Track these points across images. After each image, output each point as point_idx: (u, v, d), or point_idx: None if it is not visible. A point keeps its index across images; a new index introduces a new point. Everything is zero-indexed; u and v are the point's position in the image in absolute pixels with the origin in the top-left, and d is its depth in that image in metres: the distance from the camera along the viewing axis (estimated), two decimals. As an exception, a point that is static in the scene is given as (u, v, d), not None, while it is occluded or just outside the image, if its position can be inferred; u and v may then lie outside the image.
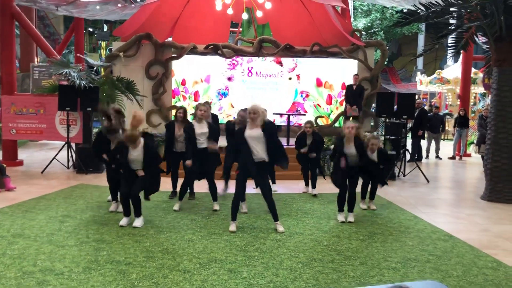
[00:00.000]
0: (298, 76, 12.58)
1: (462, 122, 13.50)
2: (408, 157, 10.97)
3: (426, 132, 13.02)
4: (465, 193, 9.09)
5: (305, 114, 12.08)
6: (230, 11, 11.18)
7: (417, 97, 11.41)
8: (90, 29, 30.02)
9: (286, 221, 6.27)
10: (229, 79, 12.56)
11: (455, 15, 8.88)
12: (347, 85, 11.64)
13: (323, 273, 4.46)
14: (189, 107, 11.66)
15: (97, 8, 14.08)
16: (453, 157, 13.57)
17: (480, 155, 11.50)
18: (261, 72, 12.59)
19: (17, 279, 4.13)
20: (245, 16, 12.32)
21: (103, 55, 26.48)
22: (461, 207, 7.59)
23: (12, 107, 10.38)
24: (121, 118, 6.51)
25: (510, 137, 7.93)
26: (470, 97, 15.97)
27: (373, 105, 12.26)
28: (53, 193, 7.74)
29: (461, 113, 13.59)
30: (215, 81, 12.50)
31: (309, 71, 12.52)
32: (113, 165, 6.35)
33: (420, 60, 30.34)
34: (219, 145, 6.87)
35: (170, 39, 12.66)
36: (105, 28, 30.25)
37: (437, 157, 13.44)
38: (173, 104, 12.03)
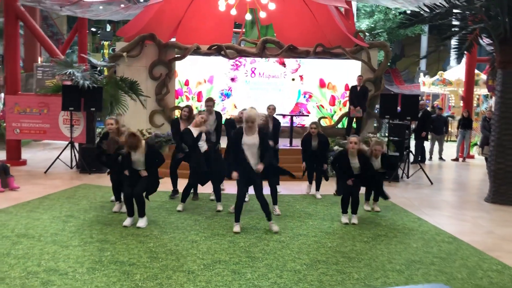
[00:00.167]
0: (301, 77, 12.57)
1: (466, 124, 13.47)
2: (411, 158, 10.94)
3: (429, 134, 12.99)
4: (468, 195, 9.07)
5: (308, 115, 12.07)
6: (233, 12, 11.18)
7: (420, 98, 11.37)
8: (93, 29, 30.08)
9: (289, 222, 6.26)
10: (232, 79, 12.56)
11: (459, 17, 8.87)
12: (351, 86, 11.64)
13: (327, 275, 4.45)
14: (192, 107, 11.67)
15: (101, 8, 14.09)
16: (456, 159, 13.54)
17: (483, 157, 11.47)
18: (264, 73, 12.59)
19: (21, 279, 4.13)
20: (248, 16, 12.31)
21: (106, 55, 26.54)
22: (465, 209, 7.57)
23: (16, 107, 10.41)
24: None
25: (514, 139, 7.91)
26: (473, 99, 15.93)
27: (377, 106, 12.25)
28: (57, 193, 7.76)
29: (464, 114, 13.57)
30: (218, 81, 12.50)
31: (312, 72, 12.51)
32: (115, 169, 6.36)
33: (423, 61, 30.28)
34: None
35: (173, 39, 12.67)
36: (108, 28, 30.32)
37: (440, 158, 13.41)
38: (176, 105, 12.04)
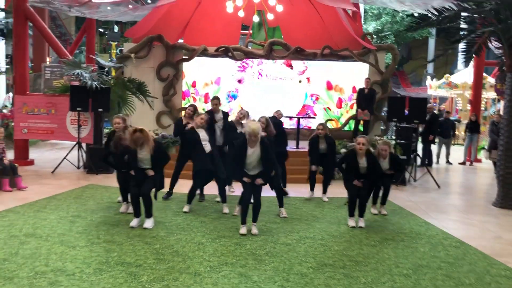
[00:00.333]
0: (308, 79, 12.56)
1: (473, 128, 13.38)
2: (418, 162, 10.89)
3: (436, 137, 12.93)
4: (476, 199, 9.01)
5: (315, 117, 12.05)
6: (241, 14, 11.19)
7: (428, 101, 11.33)
8: (101, 30, 30.23)
9: (296, 225, 6.25)
10: (239, 81, 12.57)
11: (468, 20, 8.82)
12: (358, 88, 11.61)
13: (334, 278, 4.43)
14: (199, 109, 11.70)
15: (109, 9, 14.15)
16: (463, 163, 13.46)
17: (491, 161, 11.40)
18: (271, 75, 12.59)
19: (29, 279, 4.15)
20: (256, 18, 12.32)
21: (113, 55, 26.67)
22: (473, 214, 7.51)
23: (24, 107, 10.48)
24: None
25: (523, 144, 7.85)
26: (481, 102, 15.84)
27: (384, 109, 12.21)
28: (64, 193, 7.79)
29: (472, 118, 13.49)
30: (225, 83, 12.52)
31: (319, 74, 12.50)
32: (123, 169, 6.37)
33: (431, 64, 30.19)
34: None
35: (181, 40, 12.71)
36: (116, 29, 30.46)
37: (448, 162, 13.34)
38: (183, 106, 12.06)
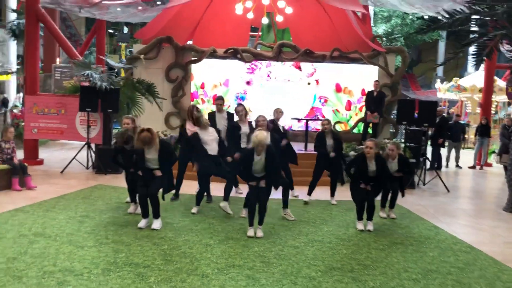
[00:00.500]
0: (317, 81, 12.53)
1: (483, 131, 13.26)
2: (428, 165, 10.80)
3: (446, 141, 12.82)
4: (486, 203, 8.91)
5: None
6: (250, 16, 11.19)
7: (438, 104, 11.25)
8: (111, 31, 30.43)
9: (304, 228, 6.22)
10: (248, 83, 12.57)
11: (479, 23, 8.75)
12: (367, 91, 11.56)
13: (343, 282, 4.40)
14: (208, 110, 11.71)
15: (119, 10, 14.25)
16: (473, 167, 13.33)
17: (501, 165, 11.27)
18: (279, 77, 12.58)
19: (37, 278, 4.17)
20: (265, 20, 12.32)
21: (123, 56, 26.81)
22: (483, 218, 7.43)
23: (35, 107, 10.55)
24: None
25: (534, 148, 7.75)
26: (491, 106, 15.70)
27: (393, 112, 12.14)
28: (73, 193, 7.83)
29: (482, 122, 13.37)
30: (233, 85, 12.53)
31: (328, 76, 12.46)
32: (131, 169, 6.39)
33: (440, 67, 29.99)
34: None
35: (190, 42, 12.74)
36: (125, 30, 30.64)
37: (457, 166, 13.23)
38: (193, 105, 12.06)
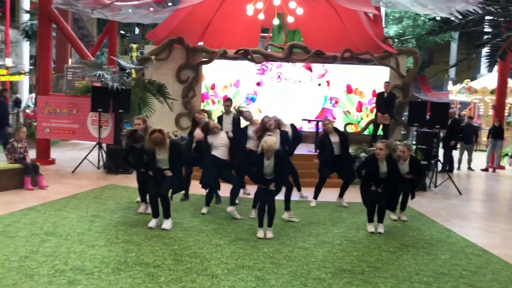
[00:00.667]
0: (328, 82, 12.49)
1: (496, 133, 13.11)
2: (439, 167, 10.70)
3: (458, 143, 12.70)
4: (499, 206, 8.80)
5: (334, 121, 11.94)
6: (261, 17, 11.19)
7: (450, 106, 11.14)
8: (122, 32, 30.65)
9: (314, 229, 6.19)
10: (258, 84, 12.57)
11: (492, 23, 8.65)
12: (378, 92, 11.50)
13: (353, 284, 4.37)
14: (218, 112, 11.75)
15: (130, 11, 14.35)
16: (486, 169, 13.18)
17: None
18: (290, 78, 12.56)
19: (49, 276, 4.20)
20: (276, 21, 12.32)
21: (134, 57, 26.98)
22: (495, 221, 7.34)
23: (47, 107, 10.65)
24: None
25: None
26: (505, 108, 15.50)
27: (405, 113, 12.05)
28: (84, 192, 7.88)
29: (495, 124, 13.22)
30: (244, 86, 12.54)
31: (339, 77, 12.42)
32: (142, 169, 6.42)
33: (453, 69, 29.70)
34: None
35: (201, 43, 12.78)
36: (137, 31, 30.83)
37: (469, 168, 13.09)
38: (202, 108, 12.11)
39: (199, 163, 7.18)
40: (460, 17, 8.26)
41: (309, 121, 11.76)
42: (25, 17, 23.19)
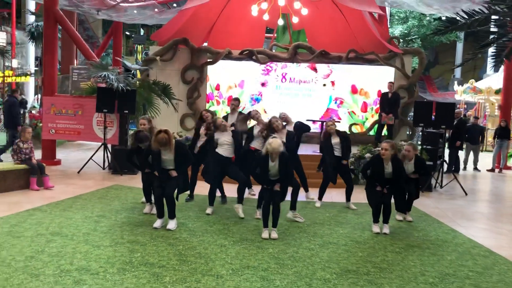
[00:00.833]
0: (333, 82, 12.47)
1: (503, 134, 13.03)
2: (445, 168, 10.65)
3: (464, 143, 12.64)
4: (505, 207, 8.74)
5: (339, 121, 11.93)
6: (266, 17, 11.19)
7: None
8: (127, 33, 30.76)
9: (319, 230, 6.18)
10: (263, 84, 12.57)
11: (498, 23, 8.60)
12: (382, 92, 11.47)
13: (358, 285, 4.35)
14: (222, 112, 11.76)
15: (135, 12, 14.41)
16: (492, 170, 13.11)
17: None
18: (295, 78, 12.56)
19: (55, 276, 4.21)
20: (280, 22, 12.31)
21: (139, 58, 27.09)
22: (502, 222, 7.29)
23: (52, 108, 10.69)
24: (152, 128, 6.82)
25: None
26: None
27: (410, 114, 12.01)
28: (89, 193, 7.91)
29: (502, 124, 13.14)
30: (248, 86, 12.54)
31: (344, 77, 12.40)
32: (146, 169, 6.43)
33: (458, 69, 29.58)
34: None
35: (205, 44, 12.80)
36: (142, 32, 30.95)
37: (475, 169, 13.02)
38: (207, 108, 12.11)
39: (202, 160, 7.21)
40: (466, 16, 8.22)
41: (314, 121, 11.72)
42: (31, 18, 23.36)
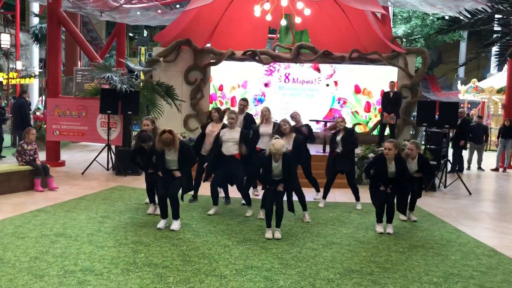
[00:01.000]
0: (336, 82, 12.46)
1: (507, 133, 12.99)
2: (449, 167, 10.62)
3: (468, 143, 12.61)
4: (510, 207, 8.70)
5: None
6: (268, 18, 11.20)
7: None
8: (131, 34, 30.85)
9: (322, 230, 6.18)
10: (266, 85, 12.58)
11: (502, 22, 8.58)
12: (383, 92, 11.46)
13: (362, 285, 4.35)
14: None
15: (138, 14, 14.45)
16: (496, 169, 13.07)
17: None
18: (298, 78, 12.56)
19: (59, 277, 4.23)
20: (283, 22, 12.32)
21: (143, 59, 27.13)
22: (506, 222, 7.26)
23: (56, 110, 10.74)
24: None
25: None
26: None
27: (414, 113, 11.99)
28: (93, 194, 7.94)
29: (506, 123, 13.09)
30: (252, 87, 12.55)
31: (347, 77, 12.39)
32: (150, 170, 6.45)
33: (462, 68, 29.50)
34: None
35: (208, 45, 12.82)
36: (145, 33, 31.00)
37: (479, 168, 12.98)
38: (210, 109, 12.13)
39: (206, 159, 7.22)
40: (469, 16, 8.21)
41: (317, 121, 11.74)
42: (35, 20, 23.44)
